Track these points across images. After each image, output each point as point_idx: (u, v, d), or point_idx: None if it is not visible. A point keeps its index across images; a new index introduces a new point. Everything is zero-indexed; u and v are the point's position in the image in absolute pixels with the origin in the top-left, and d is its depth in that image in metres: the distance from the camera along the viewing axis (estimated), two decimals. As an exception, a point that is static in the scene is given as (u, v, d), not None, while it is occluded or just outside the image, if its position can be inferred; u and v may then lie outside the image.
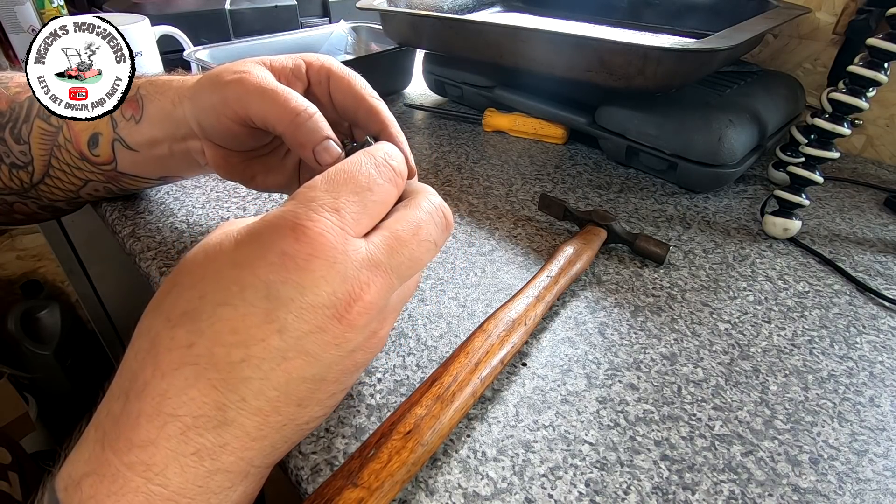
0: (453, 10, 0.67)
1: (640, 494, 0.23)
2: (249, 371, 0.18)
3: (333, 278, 0.19)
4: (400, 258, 0.21)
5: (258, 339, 0.18)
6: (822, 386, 0.29)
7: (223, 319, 0.18)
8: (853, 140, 0.57)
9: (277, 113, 0.26)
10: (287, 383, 0.19)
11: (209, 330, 0.18)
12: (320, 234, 0.19)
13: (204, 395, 0.18)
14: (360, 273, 0.19)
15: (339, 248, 0.19)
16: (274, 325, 0.18)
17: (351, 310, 0.19)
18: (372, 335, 0.21)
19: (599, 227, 0.38)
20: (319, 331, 0.19)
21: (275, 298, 0.18)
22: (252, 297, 0.18)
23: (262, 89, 0.27)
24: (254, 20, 0.77)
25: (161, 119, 0.33)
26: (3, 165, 0.36)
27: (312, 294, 0.18)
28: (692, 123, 0.44)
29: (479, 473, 0.24)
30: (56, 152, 0.36)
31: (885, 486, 0.24)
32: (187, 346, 0.18)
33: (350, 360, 0.21)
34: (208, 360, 0.18)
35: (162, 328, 0.19)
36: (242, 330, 0.18)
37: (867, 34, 0.40)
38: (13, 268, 1.23)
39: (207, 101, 0.29)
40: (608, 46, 0.43)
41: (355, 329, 0.19)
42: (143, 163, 0.35)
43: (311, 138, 0.26)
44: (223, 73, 0.28)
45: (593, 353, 0.30)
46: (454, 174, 0.49)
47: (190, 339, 0.18)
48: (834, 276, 0.38)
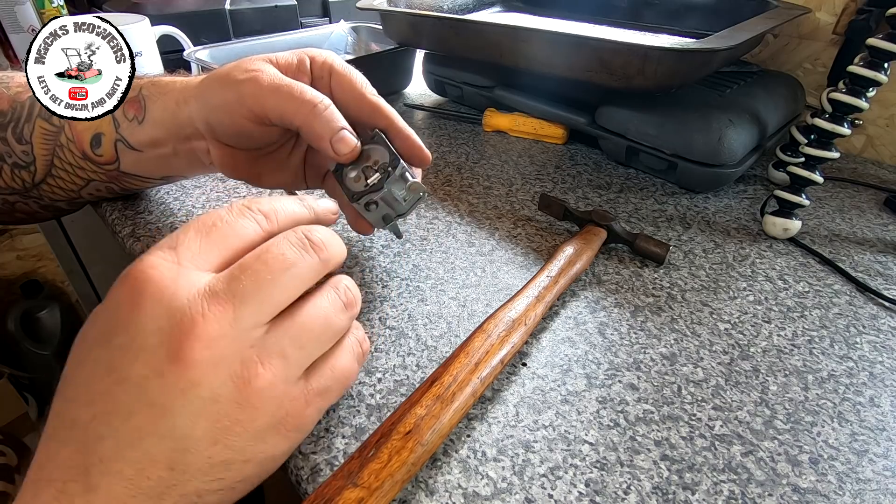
0: (453, 10, 0.67)
1: (640, 494, 0.23)
2: (102, 429, 0.17)
3: (160, 314, 0.18)
4: (241, 283, 0.19)
5: (101, 394, 0.17)
6: (822, 386, 0.29)
7: (74, 380, 0.18)
8: (853, 140, 0.57)
9: (294, 107, 0.27)
10: (141, 440, 0.17)
11: (66, 392, 0.18)
12: (146, 271, 0.18)
13: (70, 457, 0.17)
14: (193, 304, 0.18)
15: (167, 282, 0.18)
16: (114, 375, 0.18)
17: (183, 345, 0.17)
18: (244, 384, 0.18)
19: (599, 227, 0.38)
20: (158, 376, 0.17)
21: (114, 348, 0.18)
22: (97, 353, 0.18)
23: (277, 85, 0.27)
24: (254, 20, 0.77)
25: (164, 119, 0.33)
26: (6, 165, 0.36)
27: (141, 336, 0.18)
28: (692, 123, 0.44)
29: (479, 473, 0.24)
30: (58, 152, 0.36)
31: (885, 486, 0.24)
32: (56, 414, 0.18)
33: (221, 414, 0.18)
34: (71, 422, 0.18)
35: (54, 401, 0.19)
36: (90, 386, 0.18)
37: (867, 34, 0.40)
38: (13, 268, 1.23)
39: (219, 99, 0.29)
40: (608, 46, 0.43)
41: (197, 368, 0.17)
42: (146, 162, 0.35)
43: (328, 129, 0.27)
44: (233, 72, 0.28)
45: (593, 353, 0.30)
46: (454, 174, 0.49)
47: (58, 406, 0.18)
48: (834, 276, 0.38)
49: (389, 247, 0.39)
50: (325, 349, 0.22)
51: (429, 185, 0.46)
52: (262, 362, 0.19)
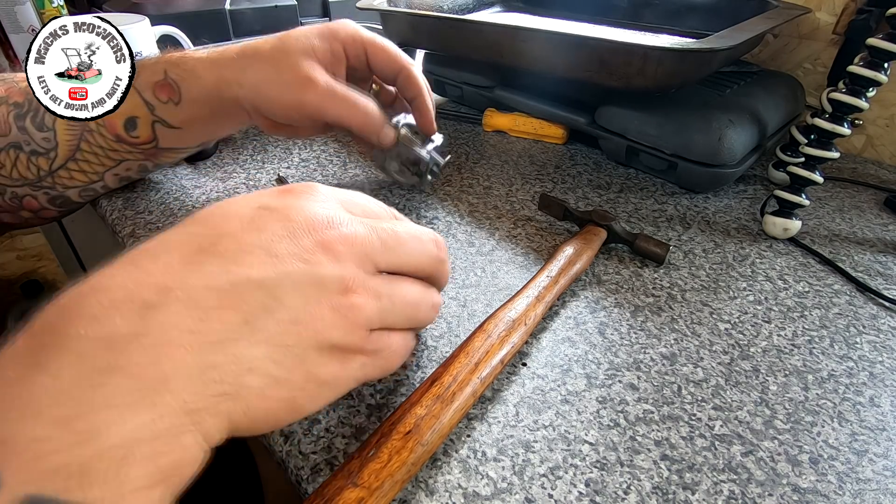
0: (453, 10, 0.67)
1: (640, 494, 0.23)
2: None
3: (316, 208, 0.21)
4: (377, 229, 0.22)
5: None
6: (822, 386, 0.29)
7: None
8: (853, 140, 0.57)
9: (351, 115, 0.35)
10: (236, 279, 0.18)
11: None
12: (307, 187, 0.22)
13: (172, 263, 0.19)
14: (341, 213, 0.21)
15: (322, 190, 0.22)
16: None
17: (329, 233, 0.20)
18: (344, 289, 0.20)
19: (599, 227, 0.38)
20: (291, 237, 0.20)
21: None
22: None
23: (336, 97, 0.34)
24: (254, 20, 0.77)
25: (204, 99, 0.35)
26: (22, 154, 0.36)
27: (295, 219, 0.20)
28: (692, 123, 0.44)
29: (479, 473, 0.24)
30: (87, 136, 0.36)
31: (885, 486, 0.24)
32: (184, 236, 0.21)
33: (313, 300, 0.19)
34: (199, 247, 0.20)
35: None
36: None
37: (867, 34, 0.40)
38: (13, 268, 1.23)
39: (275, 96, 0.34)
40: (608, 46, 0.43)
41: (329, 252, 0.20)
42: (186, 137, 0.38)
43: (376, 128, 0.36)
44: (285, 73, 0.33)
45: (593, 352, 0.30)
46: (454, 174, 0.49)
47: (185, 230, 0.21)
48: (834, 276, 0.38)
49: (389, 247, 0.39)
50: (400, 321, 0.23)
51: (428, 185, 0.46)
52: (363, 286, 0.20)
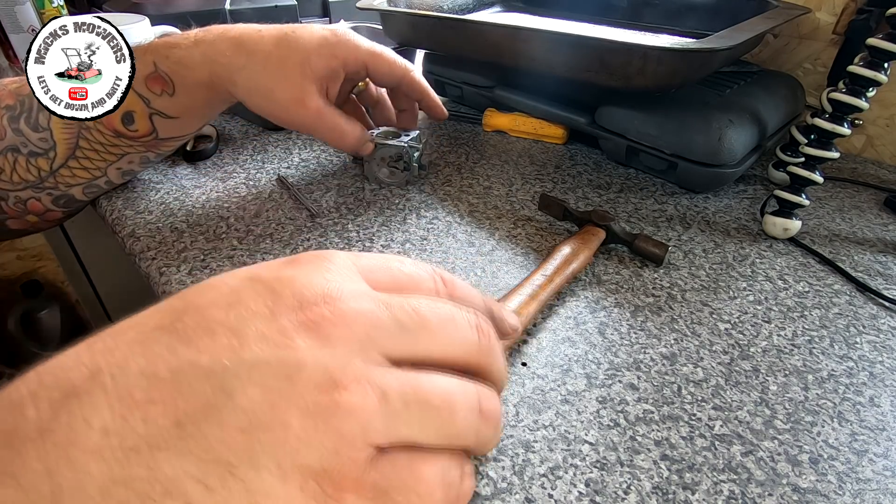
0: (453, 10, 0.67)
1: (640, 494, 0.23)
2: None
3: (326, 273, 0.17)
4: (394, 308, 0.16)
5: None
6: (822, 386, 0.29)
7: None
8: (853, 140, 0.57)
9: (335, 140, 0.39)
10: (179, 365, 0.14)
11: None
12: (328, 253, 0.18)
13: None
14: (342, 288, 0.16)
15: (338, 258, 0.18)
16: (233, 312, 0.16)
17: (320, 310, 0.15)
18: (328, 387, 0.14)
19: (598, 228, 0.38)
20: (271, 317, 0.15)
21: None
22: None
23: (324, 124, 0.38)
24: (254, 20, 0.76)
25: (199, 88, 0.37)
26: (21, 156, 0.36)
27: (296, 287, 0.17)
28: (692, 123, 0.44)
29: (479, 473, 0.24)
30: (84, 134, 0.36)
31: (885, 486, 0.24)
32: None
33: (283, 397, 0.14)
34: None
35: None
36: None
37: (867, 34, 0.40)
38: (13, 268, 1.23)
39: (265, 108, 0.37)
40: (608, 46, 0.43)
41: (309, 337, 0.15)
42: (184, 125, 0.39)
43: (357, 147, 0.41)
44: (277, 87, 0.36)
45: (593, 352, 0.30)
46: (454, 174, 0.49)
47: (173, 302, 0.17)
48: (834, 276, 0.38)
49: (389, 247, 0.39)
50: (424, 434, 0.15)
51: (429, 185, 0.47)
52: (360, 380, 0.14)
